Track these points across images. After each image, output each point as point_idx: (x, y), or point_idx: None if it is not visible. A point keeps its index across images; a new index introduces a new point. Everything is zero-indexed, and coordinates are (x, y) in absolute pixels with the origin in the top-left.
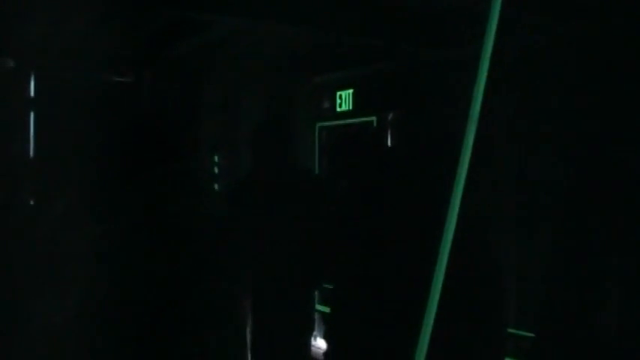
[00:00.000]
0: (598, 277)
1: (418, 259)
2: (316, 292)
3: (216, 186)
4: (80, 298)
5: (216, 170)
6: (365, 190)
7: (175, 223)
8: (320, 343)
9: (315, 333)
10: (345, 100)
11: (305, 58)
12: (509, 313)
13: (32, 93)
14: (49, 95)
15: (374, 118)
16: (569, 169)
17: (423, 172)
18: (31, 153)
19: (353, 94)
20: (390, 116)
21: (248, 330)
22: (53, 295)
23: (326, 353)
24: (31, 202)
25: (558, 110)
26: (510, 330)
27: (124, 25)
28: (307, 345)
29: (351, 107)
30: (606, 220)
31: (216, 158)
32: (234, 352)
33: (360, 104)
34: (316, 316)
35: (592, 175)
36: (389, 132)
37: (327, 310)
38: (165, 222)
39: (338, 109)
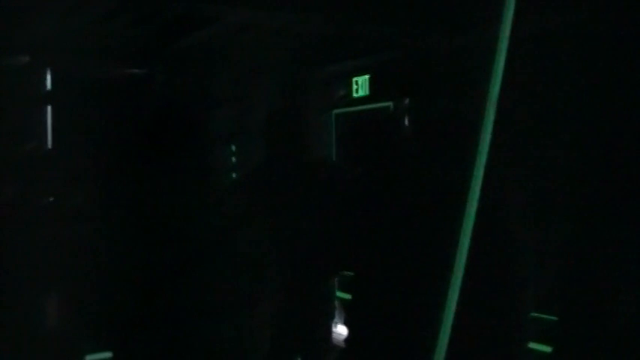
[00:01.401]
0: (621, 262)
1: (439, 244)
2: (336, 279)
3: (233, 176)
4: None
5: (233, 160)
6: (383, 176)
7: (191, 215)
8: (340, 330)
9: (335, 320)
10: (361, 85)
11: (319, 44)
12: (532, 297)
13: (47, 88)
14: (61, 90)
15: (390, 104)
16: (593, 152)
17: (442, 158)
18: (47, 148)
19: (369, 79)
20: (407, 102)
21: (269, 318)
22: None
23: (347, 340)
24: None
25: (581, 94)
26: (533, 314)
27: (135, 18)
28: (328, 331)
29: (367, 93)
30: (631, 205)
31: (233, 148)
32: (253, 340)
33: (377, 90)
34: (337, 302)
35: (618, 158)
36: (406, 118)
37: (347, 297)
38: (180, 215)
39: (354, 95)
